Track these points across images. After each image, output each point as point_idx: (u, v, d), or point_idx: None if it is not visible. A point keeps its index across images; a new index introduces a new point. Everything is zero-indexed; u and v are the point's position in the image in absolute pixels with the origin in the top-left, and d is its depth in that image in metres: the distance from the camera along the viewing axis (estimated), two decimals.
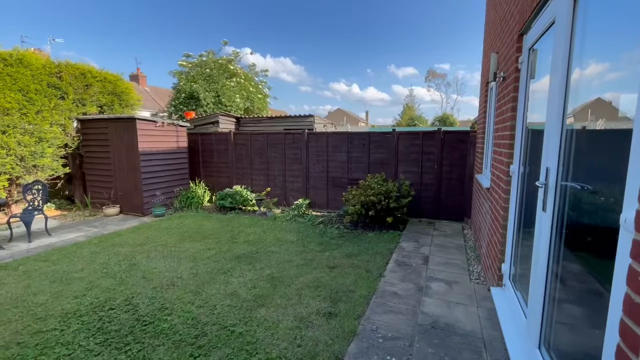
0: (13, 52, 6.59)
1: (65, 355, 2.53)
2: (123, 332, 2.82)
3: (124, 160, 7.21)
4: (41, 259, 4.58)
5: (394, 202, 5.85)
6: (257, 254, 4.77)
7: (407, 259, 4.53)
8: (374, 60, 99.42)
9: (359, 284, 3.76)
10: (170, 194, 7.84)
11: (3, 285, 3.75)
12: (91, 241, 5.40)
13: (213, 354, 2.53)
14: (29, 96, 6.71)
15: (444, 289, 3.62)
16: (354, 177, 7.25)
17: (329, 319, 3.02)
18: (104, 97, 8.23)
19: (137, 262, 4.42)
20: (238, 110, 13.94)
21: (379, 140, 7.06)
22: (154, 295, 3.48)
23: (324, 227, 6.17)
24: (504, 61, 3.49)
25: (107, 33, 79.45)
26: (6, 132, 6.43)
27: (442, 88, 59.36)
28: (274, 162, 8.01)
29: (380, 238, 5.49)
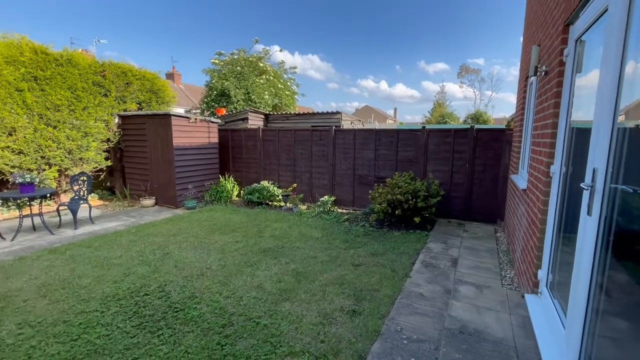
0: (63, 52, 7.11)
1: (104, 335, 2.71)
2: (156, 317, 2.98)
3: (160, 154, 7.58)
4: (85, 245, 4.93)
5: (422, 201, 5.70)
6: (282, 248, 4.84)
7: (434, 261, 4.41)
8: (404, 56, 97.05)
9: (384, 283, 3.71)
10: (201, 188, 8.15)
11: (53, 268, 4.08)
12: (129, 230, 5.74)
13: (239, 344, 2.61)
14: (77, 94, 7.23)
15: (473, 293, 3.48)
16: (381, 175, 7.14)
17: (352, 317, 3.00)
18: (142, 94, 8.68)
19: (170, 252, 4.65)
20: (266, 107, 14.18)
21: (408, 137, 6.89)
22: (184, 284, 3.64)
23: (349, 225, 6.14)
24: (547, 54, 3.27)
25: (146, 33, 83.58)
26: (57, 127, 6.98)
27: (475, 84, 56.79)
28: (301, 158, 8.08)
29: (406, 238, 5.38)
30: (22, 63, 6.39)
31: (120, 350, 2.52)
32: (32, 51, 6.56)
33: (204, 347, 2.55)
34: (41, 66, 6.66)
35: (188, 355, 2.47)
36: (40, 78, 6.65)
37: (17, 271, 3.98)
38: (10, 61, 6.24)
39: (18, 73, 6.33)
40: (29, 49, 6.53)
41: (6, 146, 6.30)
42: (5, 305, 3.18)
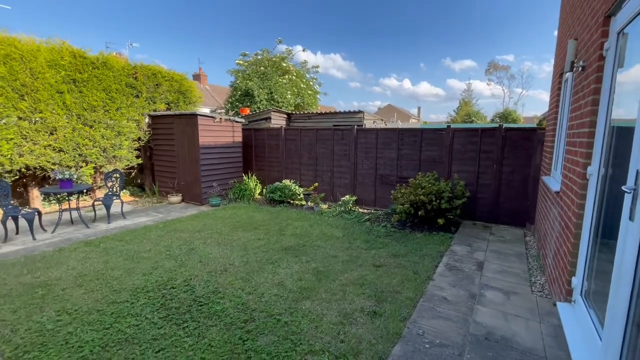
0: (99, 56, 7.52)
1: (134, 325, 2.85)
2: (182, 310, 3.09)
3: (186, 153, 7.84)
4: (117, 239, 5.19)
5: (446, 202, 5.55)
6: (303, 247, 4.87)
7: (458, 264, 4.28)
8: (428, 53, 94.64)
9: (406, 285, 3.64)
10: (225, 186, 8.35)
11: (88, 259, 4.33)
12: (157, 225, 5.99)
13: (260, 340, 2.65)
14: (111, 95, 7.62)
15: (500, 298, 3.35)
16: (404, 175, 7.02)
17: (373, 318, 2.98)
18: (171, 94, 9.02)
19: (195, 247, 4.80)
20: (289, 106, 14.31)
21: (432, 137, 6.73)
22: (209, 279, 3.75)
23: (371, 225, 6.08)
24: (584, 48, 3.08)
25: (174, 35, 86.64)
26: (93, 127, 7.39)
27: (504, 81, 54.30)
28: (322, 157, 8.09)
29: (429, 239, 5.25)
30: (62, 66, 6.81)
31: (148, 340, 2.63)
32: (71, 55, 6.98)
33: (226, 341, 2.62)
34: (79, 69, 7.07)
35: (211, 348, 2.54)
36: (78, 80, 7.06)
37: (56, 261, 4.25)
38: (52, 65, 6.68)
39: (59, 76, 6.76)
40: (69, 53, 6.95)
41: (48, 144, 6.75)
42: (46, 293, 3.41)
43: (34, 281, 3.68)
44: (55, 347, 2.54)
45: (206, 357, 2.43)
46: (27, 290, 3.45)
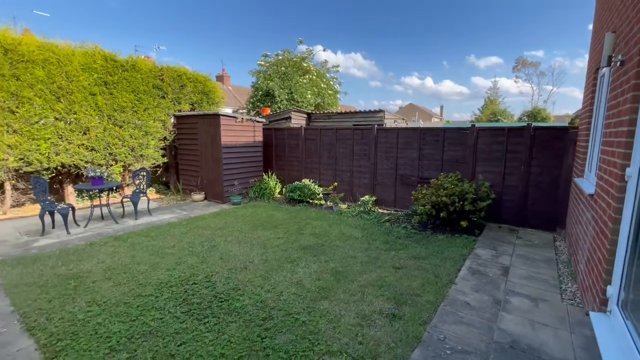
0: (128, 59, 7.85)
1: (158, 318, 2.95)
2: (203, 306, 3.17)
3: (209, 152, 8.04)
4: (143, 235, 5.40)
5: (470, 204, 5.37)
6: (322, 246, 4.87)
7: (482, 268, 4.13)
8: (451, 50, 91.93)
9: (426, 288, 3.56)
10: (246, 185, 8.50)
11: (116, 254, 4.53)
12: (181, 222, 6.18)
13: (278, 338, 2.67)
14: (139, 96, 7.94)
15: (527, 305, 3.20)
16: (425, 176, 6.86)
17: (392, 321, 2.93)
18: (195, 95, 9.29)
19: (216, 244, 4.91)
20: (309, 106, 14.35)
21: (455, 136, 6.53)
22: (229, 276, 3.82)
23: (390, 226, 5.99)
24: (624, 41, 2.88)
25: (198, 38, 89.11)
26: (122, 127, 7.73)
27: (533, 78, 51.90)
28: (342, 157, 8.05)
29: (451, 242, 5.11)
30: (95, 70, 7.17)
31: (171, 334, 2.71)
32: (103, 58, 7.33)
33: (245, 338, 2.66)
34: (110, 72, 7.41)
35: (231, 344, 2.59)
36: (109, 83, 7.41)
37: (88, 255, 4.48)
38: (85, 68, 7.04)
39: (91, 78, 7.12)
40: (101, 56, 7.31)
41: (81, 144, 7.13)
42: (78, 284, 3.59)
43: (67, 273, 3.89)
44: (85, 336, 2.67)
45: (226, 353, 2.48)
46: (61, 282, 3.65)
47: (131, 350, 2.51)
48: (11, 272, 3.89)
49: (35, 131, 6.47)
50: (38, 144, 6.53)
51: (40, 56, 6.40)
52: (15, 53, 6.13)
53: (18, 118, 6.25)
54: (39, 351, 2.51)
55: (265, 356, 2.45)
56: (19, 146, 6.31)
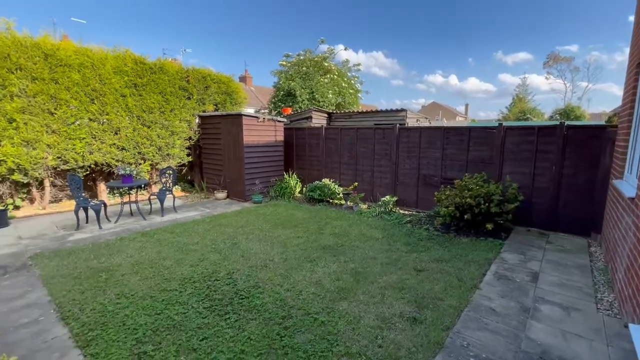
0: (156, 62, 8.16)
1: (181, 312, 3.04)
2: (224, 302, 3.23)
3: (232, 151, 8.21)
4: (169, 231, 5.60)
5: (496, 206, 5.16)
6: (342, 247, 4.84)
7: (509, 273, 3.96)
8: (477, 47, 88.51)
9: (449, 292, 3.45)
10: (267, 184, 8.61)
11: (144, 249, 4.72)
12: (204, 220, 6.35)
13: (297, 337, 2.68)
14: (166, 97, 8.23)
15: (558, 314, 3.03)
16: (449, 176, 6.67)
17: (413, 325, 2.86)
18: (218, 96, 9.52)
19: (238, 242, 5.01)
20: (330, 105, 14.34)
21: (481, 136, 6.30)
22: (249, 274, 3.88)
23: (412, 227, 5.87)
24: None
25: (223, 39, 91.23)
26: (150, 127, 8.05)
27: (566, 74, 48.79)
28: (363, 157, 7.98)
29: (476, 245, 4.93)
30: (125, 72, 7.50)
31: (193, 329, 2.79)
32: (133, 62, 7.66)
33: (264, 336, 2.69)
34: (139, 74, 7.73)
35: (250, 341, 2.62)
36: (138, 85, 7.73)
37: (118, 249, 4.70)
38: (117, 71, 7.38)
39: (122, 81, 7.46)
40: (131, 60, 7.64)
41: (113, 143, 7.49)
42: (108, 277, 3.77)
43: (99, 266, 4.09)
44: (114, 327, 2.80)
45: (245, 350, 2.52)
46: (93, 274, 3.85)
47: (156, 343, 2.60)
48: (49, 264, 4.14)
49: (71, 131, 6.86)
50: (74, 144, 6.92)
51: (76, 60, 6.78)
52: (54, 58, 6.52)
53: (56, 119, 6.65)
54: (72, 339, 2.66)
55: (284, 355, 2.47)
56: (57, 145, 6.71)
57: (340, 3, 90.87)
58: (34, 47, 6.30)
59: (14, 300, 3.28)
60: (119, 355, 2.45)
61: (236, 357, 2.44)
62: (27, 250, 4.68)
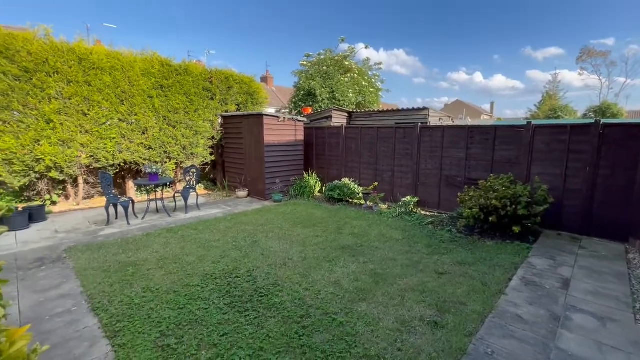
0: (182, 64, 8.41)
1: (203, 308, 3.12)
2: (244, 299, 3.28)
3: (253, 150, 8.34)
4: (192, 228, 5.76)
5: (524, 208, 4.94)
6: (361, 247, 4.80)
7: (538, 279, 3.77)
8: (504, 43, 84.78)
9: (472, 297, 3.34)
10: (287, 183, 8.68)
11: (168, 245, 4.89)
12: (226, 217, 6.48)
13: (315, 337, 2.68)
14: (190, 98, 8.48)
15: (592, 324, 2.86)
16: (473, 177, 6.45)
17: (434, 329, 2.79)
18: (240, 96, 9.69)
19: (258, 240, 5.08)
20: (350, 104, 14.25)
21: (508, 135, 6.05)
22: (269, 272, 3.93)
23: (434, 229, 5.73)
24: None
25: (245, 41, 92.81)
26: (175, 127, 8.32)
27: (601, 70, 45.74)
28: (383, 156, 7.87)
29: (501, 249, 4.74)
30: (153, 74, 7.79)
31: (214, 324, 2.85)
32: (160, 64, 7.94)
33: (283, 334, 2.71)
34: (166, 76, 8.01)
35: (269, 339, 2.65)
36: (165, 86, 8.01)
37: (144, 244, 4.89)
38: (145, 73, 7.68)
39: (150, 83, 7.75)
40: (158, 62, 7.92)
41: (140, 142, 7.80)
42: (135, 271, 3.93)
43: (126, 260, 4.27)
44: (140, 320, 2.91)
45: (264, 347, 2.54)
46: (121, 268, 4.02)
47: (179, 337, 2.68)
48: (81, 257, 4.37)
49: (103, 131, 7.20)
50: (105, 143, 7.26)
51: (107, 64, 7.11)
52: (88, 62, 6.87)
53: (89, 119, 7.00)
54: (101, 330, 2.79)
55: (302, 354, 2.47)
56: (89, 145, 7.07)
57: (364, 2, 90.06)
58: (70, 51, 6.67)
59: (50, 291, 3.49)
60: (144, 347, 2.55)
61: (255, 354, 2.47)
62: (62, 244, 4.96)
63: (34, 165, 6.47)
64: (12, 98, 6.09)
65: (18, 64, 6.10)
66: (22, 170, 6.39)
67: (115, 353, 2.50)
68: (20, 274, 3.90)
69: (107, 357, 2.46)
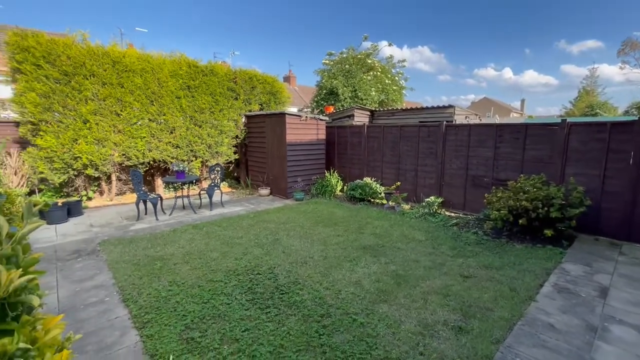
0: (207, 65, 8.65)
1: (225, 303, 3.19)
2: (265, 296, 3.33)
3: (275, 149, 8.44)
4: (216, 225, 5.91)
5: (557, 211, 4.67)
6: (382, 247, 4.74)
7: (572, 286, 3.56)
8: (536, 36, 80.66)
9: (500, 302, 3.20)
10: (308, 181, 8.71)
11: (194, 241, 5.04)
12: (249, 215, 6.61)
13: (335, 337, 2.67)
14: (215, 98, 8.70)
15: (634, 337, 2.66)
16: (501, 177, 6.19)
17: (458, 334, 2.70)
18: (264, 96, 9.83)
19: (279, 238, 5.13)
20: (373, 103, 14.09)
21: (540, 133, 5.74)
22: (290, 270, 3.96)
23: (459, 230, 5.55)
24: None
25: (269, 41, 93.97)
26: (201, 126, 8.57)
27: None
28: (406, 155, 7.72)
29: (532, 253, 4.52)
30: (180, 76, 8.06)
31: (236, 319, 2.91)
32: (187, 65, 8.20)
33: (303, 332, 2.72)
34: (192, 77, 8.26)
35: (289, 336, 2.67)
36: (191, 87, 8.26)
37: (171, 240, 5.07)
38: (173, 74, 7.96)
39: (177, 84, 8.02)
40: (185, 64, 8.18)
41: (168, 142, 8.10)
42: (163, 265, 4.09)
43: (154, 254, 4.46)
44: (166, 312, 3.02)
45: (285, 344, 2.57)
46: (150, 262, 4.19)
47: (202, 330, 2.76)
48: (113, 251, 4.61)
49: (134, 131, 7.54)
50: (136, 142, 7.60)
51: (139, 66, 7.43)
52: (121, 64, 7.21)
53: (122, 120, 7.36)
54: (130, 320, 2.92)
55: (322, 353, 2.47)
56: (122, 144, 7.43)
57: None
58: (104, 55, 7.02)
59: (85, 281, 3.70)
60: (170, 339, 2.64)
61: (276, 351, 2.50)
62: (97, 237, 5.25)
63: (72, 163, 6.88)
64: (53, 100, 6.51)
65: (58, 68, 6.50)
66: (62, 168, 6.81)
67: (144, 343, 2.61)
68: (59, 265, 4.17)
69: (136, 347, 2.58)
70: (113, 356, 2.48)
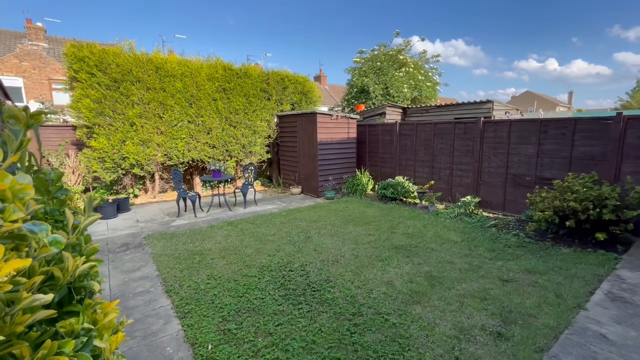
0: (241, 67, 8.94)
1: (259, 298, 3.30)
2: (297, 292, 3.40)
3: (306, 148, 8.54)
4: (250, 222, 6.11)
5: (611, 212, 4.29)
6: (415, 248, 4.63)
7: (628, 295, 3.26)
8: (585, 23, 73.89)
9: (544, 309, 3.01)
10: (339, 180, 8.72)
11: (229, 237, 5.26)
12: (281, 213, 6.75)
13: (367, 336, 2.66)
14: (249, 99, 8.97)
15: None
16: (545, 176, 5.78)
17: (497, 340, 2.58)
18: (295, 96, 9.98)
19: (311, 236, 5.20)
20: (405, 100, 13.77)
21: (590, 128, 5.29)
22: (321, 267, 4.00)
23: (497, 232, 5.28)
24: None
25: (301, 41, 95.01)
26: (236, 127, 8.88)
27: None
28: (440, 154, 7.46)
29: (581, 258, 4.19)
30: (216, 79, 8.41)
31: (270, 314, 3.00)
32: (222, 69, 8.53)
33: (335, 330, 2.74)
34: (227, 79, 8.58)
35: (321, 333, 2.70)
36: (227, 89, 8.59)
37: (209, 235, 5.32)
38: (209, 78, 8.32)
39: (214, 86, 8.38)
40: (221, 67, 8.52)
41: (205, 142, 8.49)
42: (201, 259, 4.31)
43: (193, 249, 4.70)
44: (205, 304, 3.19)
45: (317, 341, 2.61)
46: (189, 256, 4.44)
47: (238, 323, 2.88)
48: (157, 244, 4.93)
49: (174, 132, 8.00)
50: (176, 143, 8.06)
51: (179, 71, 7.86)
52: (163, 70, 7.67)
53: (164, 122, 7.83)
54: (173, 310, 3.12)
55: (354, 351, 2.48)
56: (164, 144, 7.91)
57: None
58: (148, 62, 7.51)
59: (133, 272, 4.00)
60: (208, 329, 2.79)
61: (308, 346, 2.55)
62: (142, 232, 5.64)
63: (121, 163, 7.45)
64: (105, 105, 7.08)
65: (109, 75, 7.06)
66: (112, 167, 7.40)
67: (185, 332, 2.77)
68: (110, 257, 4.54)
69: (178, 335, 2.75)
70: (158, 342, 2.66)
